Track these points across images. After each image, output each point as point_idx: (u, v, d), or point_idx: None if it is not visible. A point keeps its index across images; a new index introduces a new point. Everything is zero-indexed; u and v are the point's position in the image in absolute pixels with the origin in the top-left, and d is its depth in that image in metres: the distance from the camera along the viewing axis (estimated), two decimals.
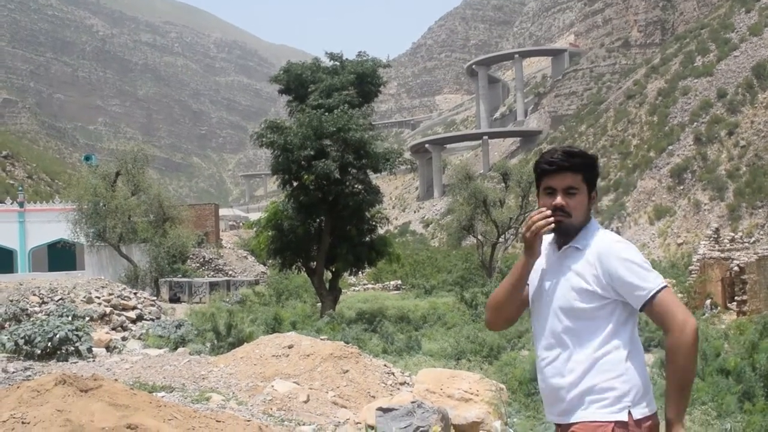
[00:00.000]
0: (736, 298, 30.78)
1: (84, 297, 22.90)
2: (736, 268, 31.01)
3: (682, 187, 78.80)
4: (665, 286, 3.00)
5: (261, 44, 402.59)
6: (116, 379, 8.69)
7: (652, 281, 2.99)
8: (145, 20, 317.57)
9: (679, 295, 31.95)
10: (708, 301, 31.24)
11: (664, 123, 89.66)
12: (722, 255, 32.48)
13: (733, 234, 37.53)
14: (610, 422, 2.98)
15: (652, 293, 2.96)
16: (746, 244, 35.17)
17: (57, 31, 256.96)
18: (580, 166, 3.17)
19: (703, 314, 29.80)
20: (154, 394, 8.58)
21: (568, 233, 3.15)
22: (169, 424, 6.25)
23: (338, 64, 29.72)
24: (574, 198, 3.14)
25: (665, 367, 3.13)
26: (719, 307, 31.10)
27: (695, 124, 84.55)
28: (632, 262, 3.01)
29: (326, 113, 26.39)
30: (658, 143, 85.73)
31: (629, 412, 2.99)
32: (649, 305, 2.98)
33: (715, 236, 34.54)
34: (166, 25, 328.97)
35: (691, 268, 33.96)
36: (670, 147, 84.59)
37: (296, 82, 29.17)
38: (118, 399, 6.35)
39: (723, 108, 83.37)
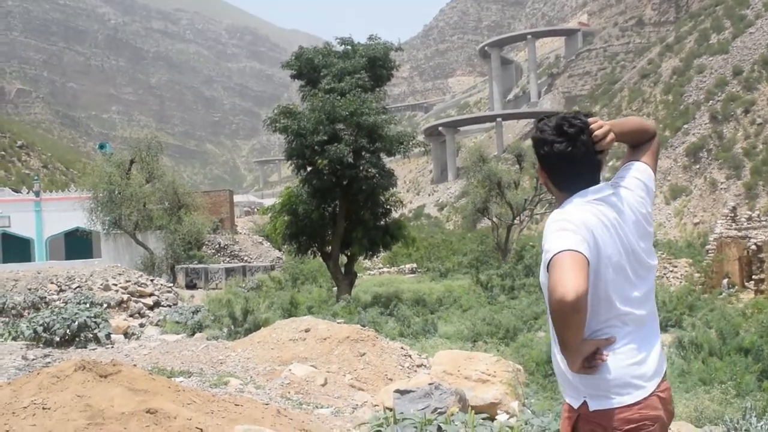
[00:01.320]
0: (753, 276, 30.60)
1: (101, 284, 23.05)
2: (753, 247, 30.80)
3: (698, 166, 78.25)
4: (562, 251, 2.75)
5: (272, 30, 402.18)
6: (135, 365, 8.74)
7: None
8: (157, 7, 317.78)
9: (696, 274, 31.82)
10: (725, 281, 31.07)
11: (679, 102, 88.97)
12: (739, 234, 32.26)
13: (750, 212, 37.25)
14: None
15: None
16: (763, 223, 34.89)
17: (69, 20, 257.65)
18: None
19: (721, 293, 29.65)
20: (172, 379, 8.63)
21: None
22: (188, 408, 6.28)
23: (350, 48, 29.62)
24: None
25: None
26: (737, 286, 30.92)
27: (711, 102, 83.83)
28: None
29: (339, 97, 26.35)
30: (674, 122, 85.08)
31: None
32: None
33: (732, 215, 34.30)
34: (177, 12, 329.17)
35: (708, 247, 33.76)
36: (686, 126, 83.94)
37: (308, 67, 29.09)
38: (137, 384, 6.39)
39: (739, 86, 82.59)
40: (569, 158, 2.93)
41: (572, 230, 2.77)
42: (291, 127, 26.37)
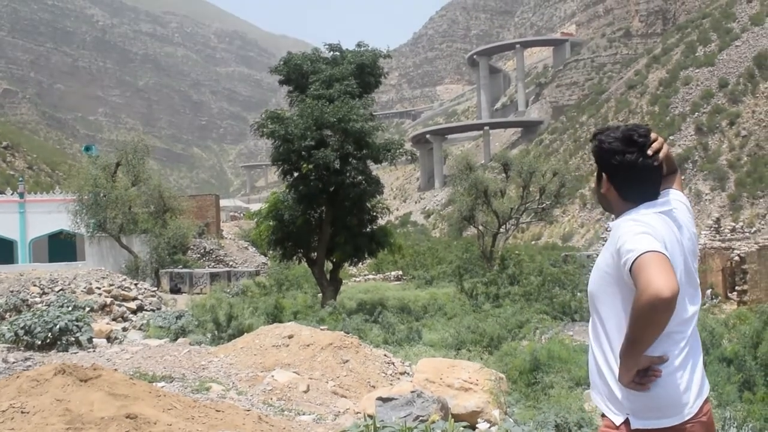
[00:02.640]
0: (736, 287, 30.79)
1: (84, 288, 22.92)
2: (737, 258, 31.00)
3: (683, 177, 78.21)
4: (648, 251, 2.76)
5: (261, 34, 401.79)
6: (116, 369, 8.69)
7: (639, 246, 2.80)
8: (145, 10, 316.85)
9: None
10: (709, 291, 31.24)
11: (665, 113, 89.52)
12: (723, 245, 32.47)
13: (734, 224, 37.51)
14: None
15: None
16: (747, 234, 35.17)
17: (57, 20, 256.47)
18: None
19: (704, 304, 29.80)
20: (154, 384, 8.58)
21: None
22: (168, 414, 6.25)
23: (338, 54, 29.64)
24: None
25: None
26: (720, 297, 31.11)
27: (696, 114, 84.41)
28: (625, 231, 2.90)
29: (327, 104, 26.35)
30: (660, 133, 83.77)
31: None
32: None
33: (716, 226, 34.53)
34: (166, 15, 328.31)
35: None
36: (672, 137, 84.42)
37: (296, 73, 29.07)
38: (117, 389, 6.35)
39: (724, 98, 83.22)
40: (640, 168, 2.98)
41: (653, 235, 2.79)
42: (278, 132, 26.34)
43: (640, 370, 2.80)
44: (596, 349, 3.02)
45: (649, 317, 2.63)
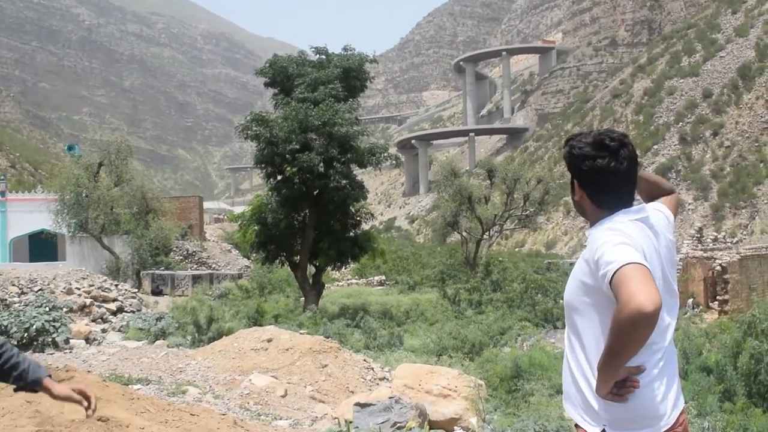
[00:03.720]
0: (718, 297, 30.92)
1: (64, 288, 22.68)
2: (718, 268, 31.14)
3: None
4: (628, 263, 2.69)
5: (248, 37, 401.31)
6: (89, 371, 8.56)
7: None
8: (132, 10, 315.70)
9: None
10: (690, 300, 31.36)
11: (649, 122, 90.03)
12: (705, 255, 32.61)
13: (716, 234, 37.70)
14: None
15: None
16: (729, 244, 35.35)
17: (43, 19, 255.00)
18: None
19: (685, 313, 29.89)
20: (129, 386, 8.46)
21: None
22: (141, 417, 6.15)
23: (324, 58, 29.56)
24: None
25: None
26: (701, 307, 31.22)
27: (680, 124, 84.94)
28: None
29: (312, 107, 26.26)
30: (644, 142, 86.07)
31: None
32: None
33: (699, 236, 34.69)
34: (153, 15, 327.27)
35: None
36: (656, 146, 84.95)
37: (282, 75, 28.97)
38: (89, 390, 6.24)
39: (708, 108, 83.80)
40: (612, 173, 2.89)
41: (632, 245, 2.70)
42: (263, 135, 26.21)
43: (618, 381, 2.74)
44: (571, 359, 2.95)
45: (630, 332, 2.55)
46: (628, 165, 2.90)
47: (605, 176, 2.90)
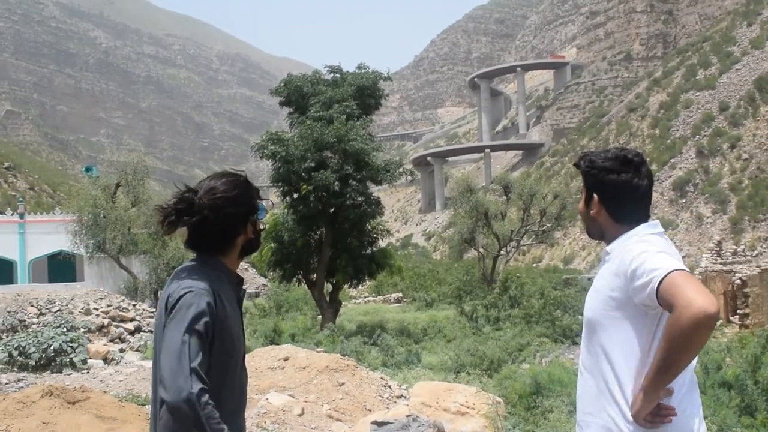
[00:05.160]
0: (738, 311, 30.61)
1: (82, 308, 22.76)
2: (738, 282, 30.84)
3: (684, 200, 78.65)
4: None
5: (263, 57, 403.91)
6: (105, 391, 8.57)
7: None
8: (148, 32, 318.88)
9: None
10: None
11: (666, 136, 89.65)
12: (724, 268, 32.32)
13: (735, 247, 37.39)
14: None
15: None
16: (748, 258, 35.01)
17: (60, 42, 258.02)
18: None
19: None
20: (146, 406, 8.45)
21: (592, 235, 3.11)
22: None
23: (338, 76, 29.66)
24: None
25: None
26: (721, 321, 30.90)
27: (697, 137, 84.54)
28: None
29: (326, 124, 26.35)
30: (660, 156, 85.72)
31: None
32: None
33: (718, 249, 34.40)
34: (168, 37, 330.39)
35: None
36: (672, 160, 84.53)
37: (296, 95, 29.08)
38: (105, 411, 6.24)
39: (725, 121, 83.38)
40: (635, 188, 2.90)
41: (671, 254, 2.69)
42: (279, 154, 26.29)
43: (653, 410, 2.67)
44: (592, 379, 2.86)
45: (692, 336, 2.48)
46: (648, 182, 2.92)
47: (628, 191, 2.90)
